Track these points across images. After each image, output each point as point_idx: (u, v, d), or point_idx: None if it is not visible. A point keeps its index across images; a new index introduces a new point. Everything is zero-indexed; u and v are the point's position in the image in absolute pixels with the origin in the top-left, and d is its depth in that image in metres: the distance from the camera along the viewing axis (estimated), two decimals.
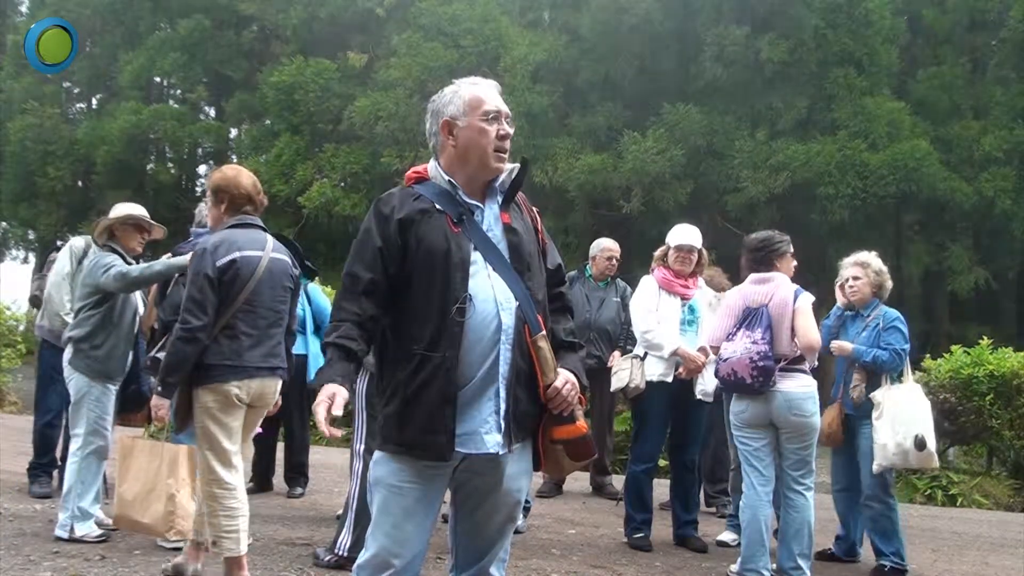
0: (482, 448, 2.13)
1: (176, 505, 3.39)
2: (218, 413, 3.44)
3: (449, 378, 2.10)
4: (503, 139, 2.25)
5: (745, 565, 4.09)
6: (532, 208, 2.42)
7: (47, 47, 3.79)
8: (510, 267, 2.19)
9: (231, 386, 3.43)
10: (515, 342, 2.15)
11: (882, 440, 4.46)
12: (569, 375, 2.21)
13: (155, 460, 3.46)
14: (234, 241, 3.52)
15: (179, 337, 3.35)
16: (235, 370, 3.44)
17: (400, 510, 2.16)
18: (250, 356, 3.47)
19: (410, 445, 2.14)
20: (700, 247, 5.11)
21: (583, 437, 2.23)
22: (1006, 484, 8.26)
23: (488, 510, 2.25)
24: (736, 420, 4.27)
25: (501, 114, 2.27)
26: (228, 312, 3.45)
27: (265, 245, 3.60)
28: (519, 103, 18.19)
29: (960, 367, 8.07)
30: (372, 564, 2.16)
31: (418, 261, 2.16)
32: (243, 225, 3.62)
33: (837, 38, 18.12)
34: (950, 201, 17.57)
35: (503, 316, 2.14)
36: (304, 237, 19.76)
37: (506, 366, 2.14)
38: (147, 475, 3.49)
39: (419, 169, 2.33)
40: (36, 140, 22.79)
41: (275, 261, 3.60)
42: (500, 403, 2.14)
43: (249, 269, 3.49)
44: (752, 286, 4.30)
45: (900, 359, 4.58)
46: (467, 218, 2.21)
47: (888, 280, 4.81)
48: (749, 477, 4.19)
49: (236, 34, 24.31)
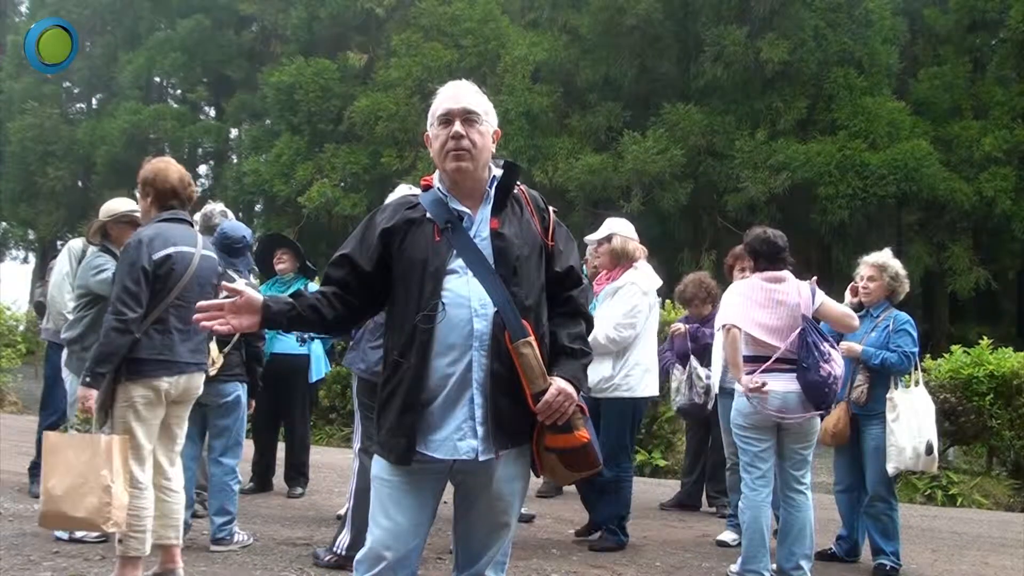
0: (455, 454, 2.14)
1: (112, 496, 3.33)
2: (142, 408, 3.45)
3: (413, 385, 2.13)
4: (456, 139, 2.21)
5: (746, 566, 4.09)
6: (547, 210, 2.38)
7: (47, 47, 3.79)
8: (493, 272, 2.17)
9: (162, 381, 3.46)
10: (491, 348, 2.13)
11: (901, 443, 4.47)
12: (563, 385, 2.15)
13: (85, 452, 3.36)
14: (169, 236, 3.54)
15: (112, 328, 3.34)
16: (167, 365, 3.46)
17: (392, 502, 2.20)
18: (180, 351, 3.51)
19: (381, 445, 2.23)
20: (606, 238, 5.03)
21: (582, 447, 2.17)
22: (1006, 484, 8.26)
23: (480, 512, 2.26)
24: (744, 422, 4.18)
25: (453, 114, 2.23)
26: (160, 306, 3.47)
27: (196, 242, 3.64)
28: (519, 103, 18.20)
29: (960, 367, 8.07)
30: (368, 557, 2.20)
31: (399, 270, 2.22)
32: (174, 220, 3.63)
33: (837, 38, 18.12)
34: (950, 201, 17.56)
35: (476, 322, 2.13)
36: (304, 237, 19.76)
37: (481, 372, 2.13)
38: (78, 468, 3.39)
39: (428, 178, 2.35)
40: (36, 140, 22.81)
41: (205, 258, 3.65)
42: (476, 409, 2.13)
43: (183, 264, 3.53)
44: (768, 283, 4.23)
45: (908, 361, 4.57)
46: (453, 225, 2.20)
47: (904, 285, 4.77)
48: (750, 478, 4.16)
49: (236, 34, 24.32)
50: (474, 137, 2.22)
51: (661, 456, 8.60)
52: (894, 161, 16.99)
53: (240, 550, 4.32)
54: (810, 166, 17.16)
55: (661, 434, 8.92)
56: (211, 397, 4.30)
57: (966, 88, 19.22)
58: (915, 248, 18.07)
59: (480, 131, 2.24)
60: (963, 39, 19.76)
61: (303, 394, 5.99)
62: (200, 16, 23.45)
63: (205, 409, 4.36)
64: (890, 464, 4.52)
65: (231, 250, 4.49)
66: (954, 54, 19.47)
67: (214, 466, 4.42)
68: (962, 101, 19.06)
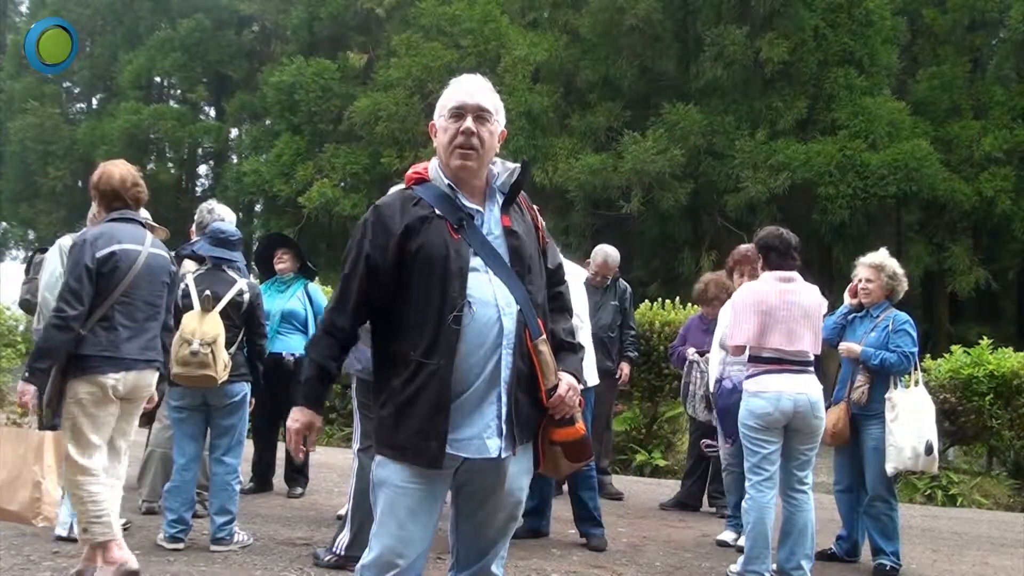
0: (484, 453, 2.14)
1: (42, 492, 3.35)
2: (90, 405, 3.47)
3: (443, 385, 2.10)
4: (466, 135, 2.19)
5: (747, 566, 4.09)
6: (533, 207, 2.40)
7: (47, 47, 3.80)
8: (511, 271, 2.18)
9: (108, 377, 3.47)
10: (516, 346, 2.14)
11: (900, 443, 4.46)
12: (571, 380, 2.22)
13: (20, 447, 3.40)
14: (114, 234, 3.58)
15: (52, 324, 3.39)
16: (112, 361, 3.48)
17: (405, 511, 2.16)
18: (127, 348, 3.52)
19: (403, 449, 2.15)
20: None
21: (582, 439, 2.24)
22: (1006, 484, 8.27)
23: (490, 510, 2.25)
24: (758, 423, 4.11)
25: (466, 109, 2.21)
26: (106, 304, 3.50)
27: (144, 240, 3.66)
28: (519, 103, 18.18)
29: (960, 367, 8.08)
30: (377, 564, 2.16)
31: (416, 268, 2.16)
32: (123, 220, 3.68)
33: (837, 38, 18.10)
34: (950, 201, 17.55)
35: (505, 320, 2.14)
36: (304, 237, 19.77)
37: (508, 371, 2.14)
38: (13, 462, 3.42)
39: (419, 169, 2.31)
40: (36, 140, 22.81)
41: (154, 256, 3.67)
42: (502, 407, 2.14)
43: (128, 262, 3.55)
44: (781, 284, 4.22)
45: (908, 362, 4.57)
46: (467, 223, 2.19)
47: (902, 284, 4.77)
48: (757, 480, 4.12)
49: (236, 34, 24.33)
50: (484, 136, 2.22)
51: (661, 456, 8.60)
52: (894, 161, 16.98)
53: (240, 550, 4.31)
54: (810, 166, 17.15)
55: (661, 434, 8.93)
56: (219, 398, 4.30)
57: (966, 88, 19.19)
58: (915, 248, 18.06)
59: (490, 130, 2.24)
60: (963, 39, 19.74)
61: None
62: (200, 16, 23.46)
63: (210, 409, 4.36)
64: (889, 464, 4.51)
65: (227, 243, 4.46)
66: (954, 54, 19.45)
67: (217, 465, 4.39)
68: (962, 101, 19.04)
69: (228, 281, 4.35)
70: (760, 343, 4.14)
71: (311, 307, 5.98)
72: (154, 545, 4.26)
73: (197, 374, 4.10)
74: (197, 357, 4.07)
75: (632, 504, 6.40)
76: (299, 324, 5.89)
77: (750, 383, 4.21)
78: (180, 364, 4.07)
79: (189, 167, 26.92)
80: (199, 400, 4.32)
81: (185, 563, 4.04)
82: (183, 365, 4.08)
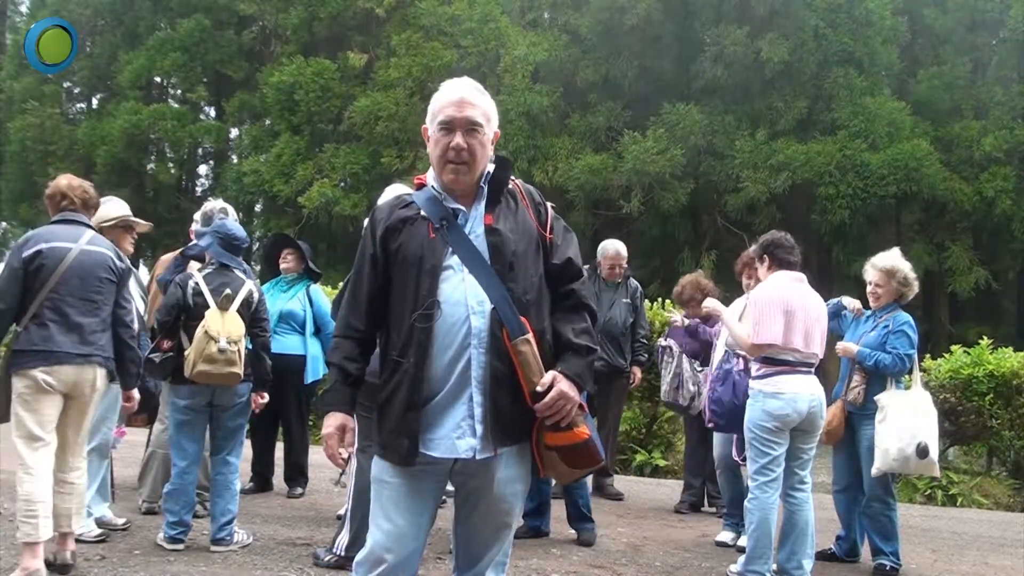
0: (454, 453, 2.13)
1: None
2: (29, 399, 3.58)
3: (415, 384, 2.12)
4: (456, 151, 2.20)
5: (749, 566, 4.09)
6: (542, 203, 2.36)
7: (47, 47, 3.82)
8: (489, 269, 2.15)
9: (38, 372, 3.57)
10: (489, 345, 2.12)
11: (884, 444, 4.43)
12: (564, 388, 2.11)
13: None
14: (44, 234, 3.74)
15: None
16: (43, 355, 3.59)
17: (391, 504, 2.19)
18: (60, 341, 3.62)
19: (383, 446, 2.21)
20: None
21: (583, 444, 2.15)
22: (1006, 484, 8.27)
23: (481, 513, 2.25)
24: (776, 424, 4.07)
25: (455, 123, 2.21)
26: (36, 300, 3.63)
27: (79, 238, 3.77)
28: (519, 103, 18.18)
29: (960, 367, 8.07)
30: (368, 560, 2.20)
31: (396, 268, 2.21)
32: (63, 221, 3.83)
33: (837, 38, 18.11)
34: (950, 201, 17.57)
35: (473, 320, 2.12)
36: (304, 237, 19.74)
37: (480, 370, 2.12)
38: None
39: (422, 177, 2.34)
40: (36, 140, 22.78)
41: (88, 253, 3.76)
42: (475, 407, 2.12)
43: (55, 259, 3.67)
44: (796, 283, 4.24)
45: (903, 364, 4.54)
46: (448, 222, 2.20)
47: (912, 288, 4.75)
48: (763, 481, 4.10)
49: (236, 34, 24.27)
50: (475, 148, 2.22)
51: (661, 456, 8.60)
52: (894, 161, 16.99)
53: (240, 550, 4.32)
54: (810, 166, 17.15)
55: (661, 434, 8.93)
56: (229, 398, 4.31)
57: (966, 88, 19.20)
58: (915, 248, 18.03)
59: (481, 141, 2.23)
60: (963, 39, 19.74)
61: (298, 394, 5.99)
62: (200, 16, 23.41)
63: (215, 410, 4.36)
64: (875, 465, 4.48)
65: (231, 247, 4.47)
66: (954, 54, 19.45)
67: (222, 466, 4.39)
68: (962, 101, 19.04)
69: (238, 280, 4.36)
70: (784, 343, 4.10)
71: (311, 309, 5.98)
72: (154, 545, 4.26)
73: (224, 371, 4.12)
74: (225, 355, 4.09)
75: (632, 504, 6.39)
76: (297, 325, 5.89)
77: (764, 384, 4.14)
78: (207, 361, 4.06)
79: (189, 167, 26.89)
80: (206, 400, 4.32)
81: (185, 563, 4.04)
82: (210, 362, 4.07)
